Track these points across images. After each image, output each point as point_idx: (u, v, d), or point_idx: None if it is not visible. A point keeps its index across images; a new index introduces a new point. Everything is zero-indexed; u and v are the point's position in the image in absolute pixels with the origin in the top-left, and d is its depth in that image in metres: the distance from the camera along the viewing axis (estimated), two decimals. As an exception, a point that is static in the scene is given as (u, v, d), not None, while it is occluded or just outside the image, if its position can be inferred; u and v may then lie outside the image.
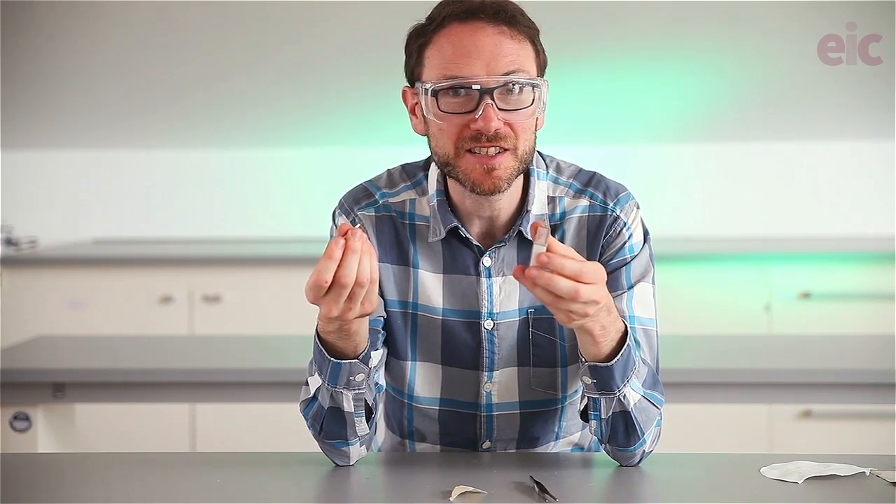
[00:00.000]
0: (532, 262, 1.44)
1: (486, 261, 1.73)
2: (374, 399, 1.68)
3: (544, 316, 1.73)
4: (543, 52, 1.67)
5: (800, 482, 1.58)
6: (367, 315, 1.53)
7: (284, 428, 3.32)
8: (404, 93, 1.70)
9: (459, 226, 1.72)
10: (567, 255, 1.44)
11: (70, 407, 2.88)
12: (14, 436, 2.64)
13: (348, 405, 1.62)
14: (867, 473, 1.61)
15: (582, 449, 1.87)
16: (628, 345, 1.58)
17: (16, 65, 4.22)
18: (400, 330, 1.76)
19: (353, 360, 1.58)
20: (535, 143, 1.67)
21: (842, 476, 1.60)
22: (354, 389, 1.61)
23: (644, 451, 1.67)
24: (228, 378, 2.66)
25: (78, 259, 4.30)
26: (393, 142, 3.97)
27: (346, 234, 1.45)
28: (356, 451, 1.68)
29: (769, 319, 4.06)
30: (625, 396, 1.60)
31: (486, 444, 1.80)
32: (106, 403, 3.35)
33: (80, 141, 4.80)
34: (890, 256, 4.06)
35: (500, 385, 1.76)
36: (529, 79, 1.62)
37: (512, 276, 1.65)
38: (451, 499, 1.52)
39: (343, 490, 1.65)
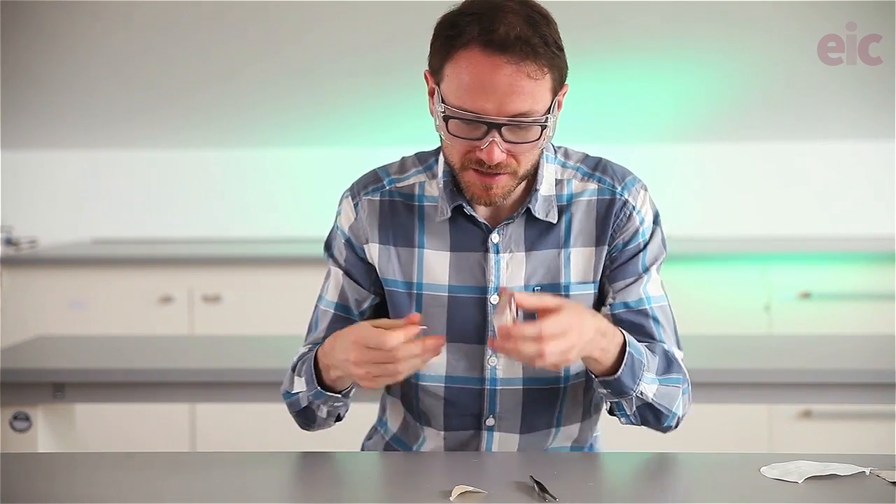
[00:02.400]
0: (497, 333, 1.57)
1: (495, 237, 1.77)
2: (346, 410, 1.83)
3: (550, 293, 1.75)
4: (566, 66, 1.66)
5: (800, 482, 1.58)
6: (372, 387, 1.66)
7: (284, 428, 3.30)
8: (426, 75, 1.72)
9: (465, 204, 1.75)
10: (536, 305, 1.57)
11: (70, 407, 2.88)
12: (14, 436, 2.64)
13: (321, 414, 1.80)
14: (867, 473, 1.61)
15: (582, 448, 1.87)
16: (629, 353, 1.66)
17: (16, 65, 4.23)
18: (405, 310, 1.79)
19: (337, 395, 1.76)
20: (538, 158, 1.73)
21: (842, 476, 1.60)
22: (330, 407, 1.79)
23: (679, 418, 1.76)
24: (228, 378, 2.67)
25: (78, 259, 4.30)
26: (393, 142, 3.96)
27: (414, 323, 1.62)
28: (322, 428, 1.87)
29: (769, 319, 4.06)
30: (642, 393, 1.70)
31: (490, 422, 1.81)
32: (106, 403, 3.35)
33: (80, 141, 4.80)
34: (890, 256, 4.06)
35: (504, 359, 1.79)
36: (536, 120, 1.63)
37: (518, 253, 1.75)
38: (451, 499, 1.52)
39: (343, 490, 1.65)
